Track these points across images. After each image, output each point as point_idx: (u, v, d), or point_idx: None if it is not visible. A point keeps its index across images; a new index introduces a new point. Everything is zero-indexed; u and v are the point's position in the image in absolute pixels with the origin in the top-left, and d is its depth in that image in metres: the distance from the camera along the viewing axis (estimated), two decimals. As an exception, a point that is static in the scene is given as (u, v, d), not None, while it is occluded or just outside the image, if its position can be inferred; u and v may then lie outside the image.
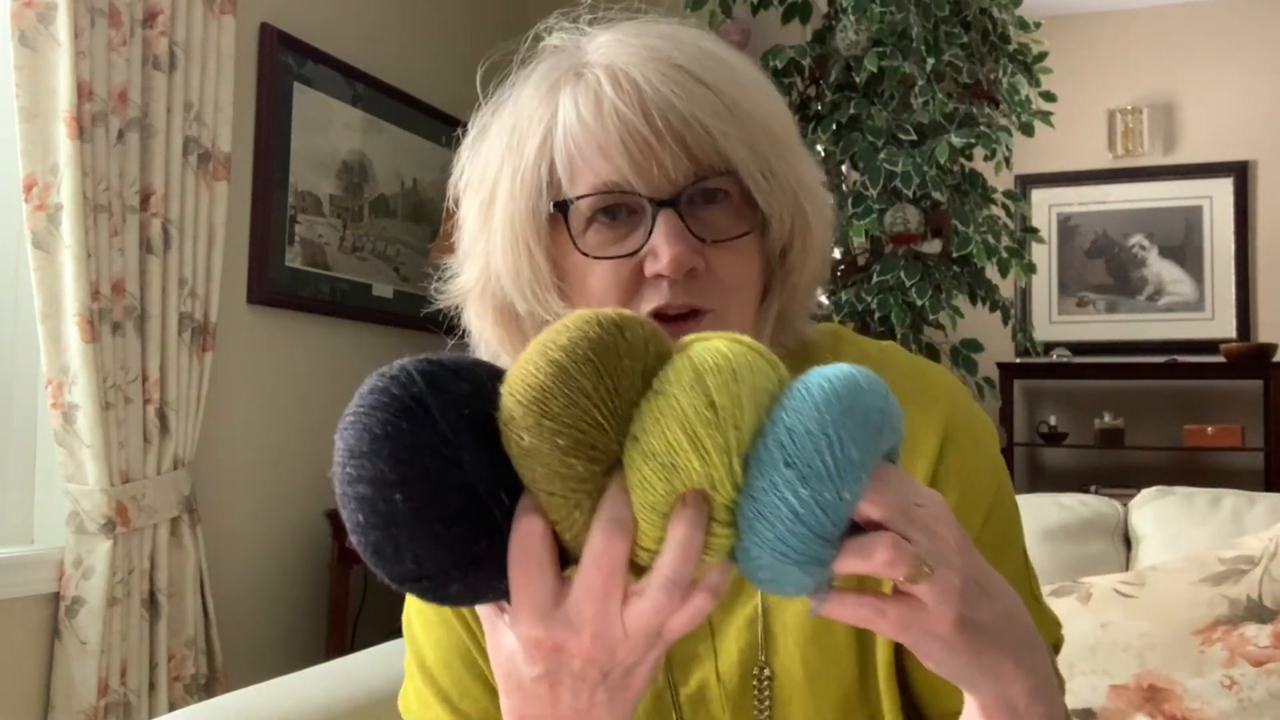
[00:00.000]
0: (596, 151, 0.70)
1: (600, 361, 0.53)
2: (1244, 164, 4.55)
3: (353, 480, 0.54)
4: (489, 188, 0.75)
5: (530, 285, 0.73)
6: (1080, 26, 4.71)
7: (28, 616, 1.95)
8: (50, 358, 1.89)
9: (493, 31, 3.42)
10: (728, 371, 0.53)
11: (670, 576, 0.52)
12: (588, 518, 0.53)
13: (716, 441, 0.52)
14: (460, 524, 0.53)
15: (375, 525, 0.53)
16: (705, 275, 0.70)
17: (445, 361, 0.56)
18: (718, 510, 0.53)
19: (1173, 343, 4.53)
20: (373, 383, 0.56)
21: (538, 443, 0.52)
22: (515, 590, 0.53)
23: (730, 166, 0.70)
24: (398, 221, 2.94)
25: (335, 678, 1.34)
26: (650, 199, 0.69)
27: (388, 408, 0.54)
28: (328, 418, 2.93)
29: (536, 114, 0.73)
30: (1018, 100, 2.77)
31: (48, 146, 1.88)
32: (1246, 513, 1.63)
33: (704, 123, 0.69)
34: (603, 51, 0.73)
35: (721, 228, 0.71)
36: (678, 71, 0.70)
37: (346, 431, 0.55)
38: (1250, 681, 1.34)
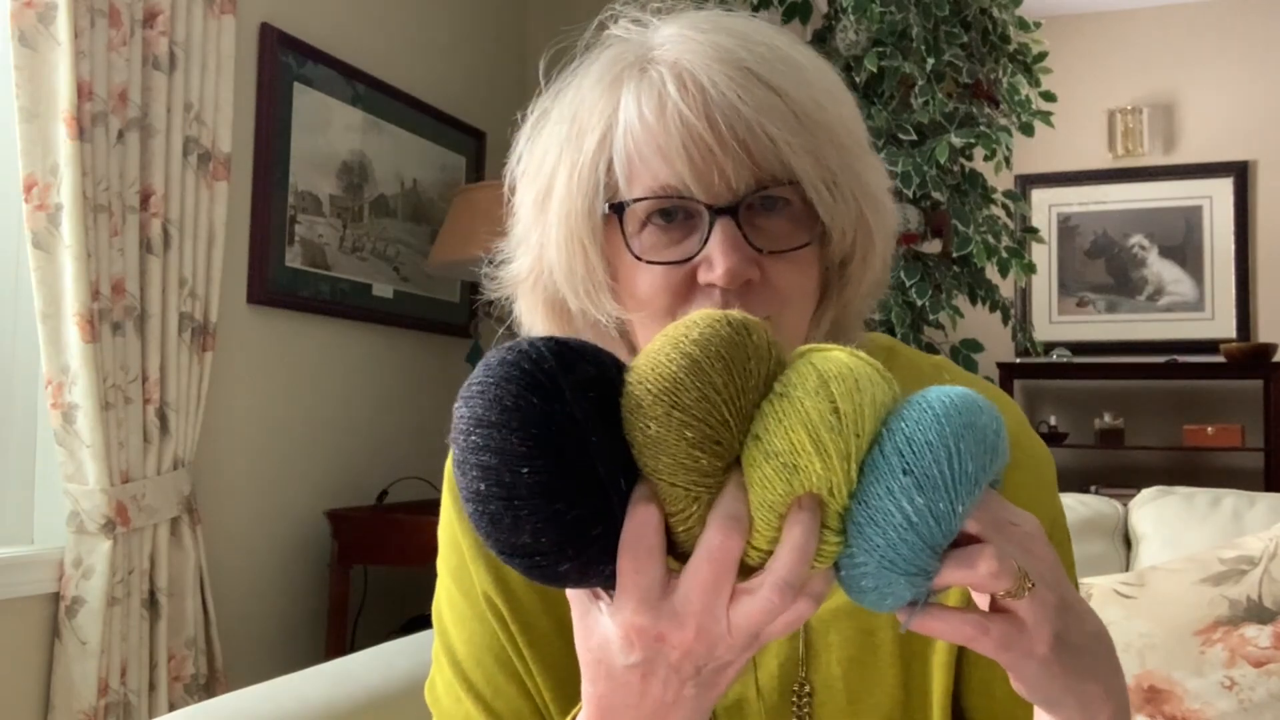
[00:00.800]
0: (656, 153, 0.68)
1: (731, 360, 0.54)
2: (1244, 164, 4.55)
3: (478, 449, 0.53)
4: (546, 179, 0.73)
5: (584, 284, 0.72)
6: (1080, 26, 4.71)
7: (28, 616, 1.95)
8: (50, 358, 1.89)
9: (493, 31, 3.42)
10: (851, 380, 0.54)
11: (785, 577, 0.52)
12: (704, 512, 0.53)
13: (839, 447, 0.52)
14: (582, 505, 0.53)
15: (498, 496, 0.53)
16: (760, 285, 0.69)
17: (572, 343, 0.56)
18: (830, 517, 0.53)
19: (1173, 343, 4.54)
20: (502, 355, 0.56)
21: (665, 433, 0.53)
22: (624, 576, 0.53)
23: (793, 177, 0.68)
24: (398, 221, 2.94)
25: (335, 678, 1.34)
26: (708, 206, 0.68)
27: (519, 380, 0.54)
28: (328, 418, 2.95)
29: (598, 108, 0.71)
30: (1018, 100, 2.77)
31: (48, 146, 1.88)
32: (1246, 513, 1.63)
33: (769, 131, 0.67)
34: (669, 47, 0.70)
35: (780, 238, 0.69)
36: (745, 75, 0.67)
37: (474, 401, 0.55)
38: (1250, 682, 1.34)
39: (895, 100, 2.65)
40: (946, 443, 0.53)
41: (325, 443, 2.68)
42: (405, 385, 2.98)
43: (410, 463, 2.92)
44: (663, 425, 0.53)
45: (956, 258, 2.65)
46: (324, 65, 2.64)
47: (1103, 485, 4.15)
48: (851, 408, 0.53)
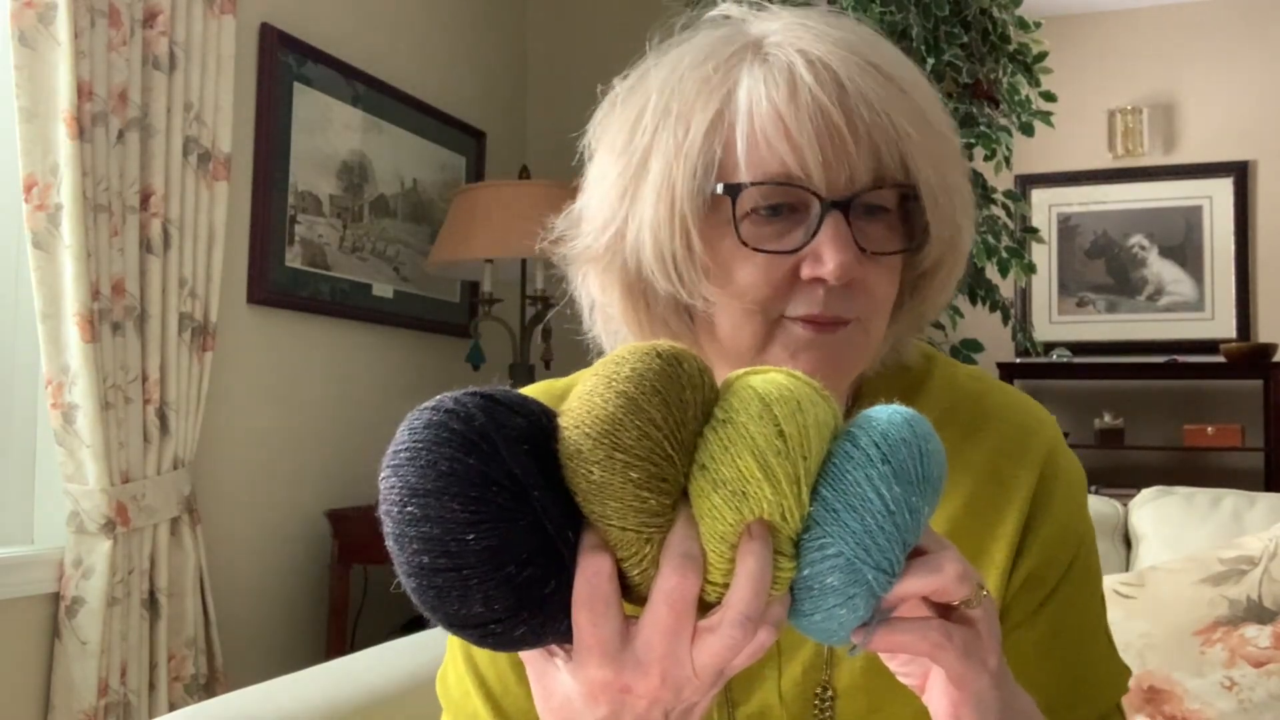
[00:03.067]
0: (783, 137, 0.65)
1: (667, 393, 0.52)
2: (1244, 164, 4.54)
3: (416, 520, 0.51)
4: (640, 153, 0.69)
5: (679, 264, 0.68)
6: (1080, 26, 4.71)
7: (28, 616, 1.94)
8: (50, 358, 1.89)
9: (493, 31, 3.42)
10: (793, 402, 0.53)
11: (744, 611, 0.50)
12: (657, 552, 0.52)
13: (787, 470, 0.51)
14: (533, 564, 0.51)
15: (445, 568, 0.51)
16: (858, 286, 0.68)
17: (498, 395, 0.54)
18: (782, 543, 0.52)
19: (1173, 343, 4.53)
20: (426, 417, 0.53)
21: (609, 476, 0.51)
22: (581, 631, 0.52)
23: (911, 178, 0.67)
24: (398, 221, 2.94)
25: (335, 678, 1.34)
26: (822, 199, 0.66)
27: (450, 443, 0.51)
28: (328, 418, 2.94)
29: (710, 85, 0.68)
30: (1018, 100, 2.77)
31: (48, 146, 1.88)
32: (1246, 513, 1.63)
33: (899, 126, 0.65)
34: (791, 34, 0.68)
35: (881, 241, 0.68)
36: (874, 70, 0.66)
37: (404, 468, 0.52)
38: (1250, 682, 1.34)
39: (895, 100, 2.65)
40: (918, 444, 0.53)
41: (325, 443, 2.68)
42: (405, 385, 2.98)
43: (410, 463, 2.91)
44: (606, 469, 0.51)
45: (956, 258, 2.65)
46: (324, 65, 2.64)
47: (1103, 485, 4.14)
48: (796, 430, 0.52)
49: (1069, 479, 0.77)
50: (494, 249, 2.62)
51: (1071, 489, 0.77)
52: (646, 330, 0.74)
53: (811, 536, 0.53)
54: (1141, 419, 4.54)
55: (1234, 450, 4.33)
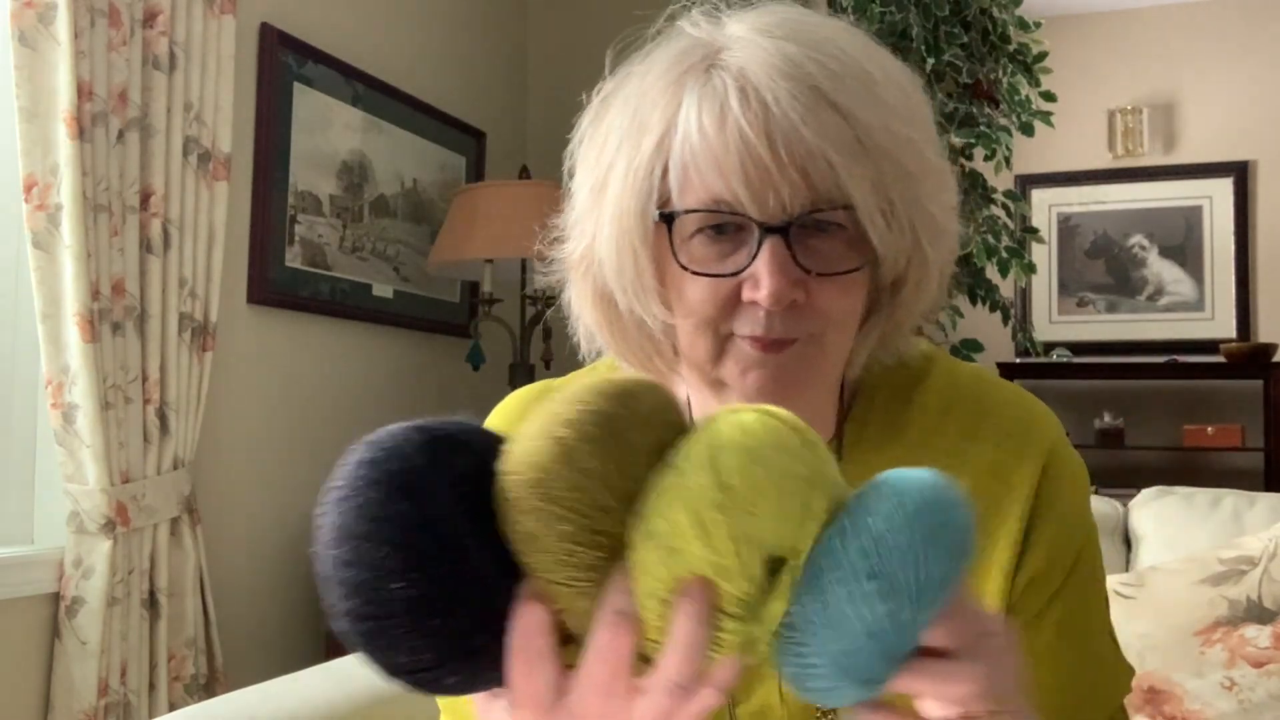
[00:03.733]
0: (712, 166, 0.66)
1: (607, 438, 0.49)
2: (1244, 164, 4.55)
3: (345, 564, 0.49)
4: (604, 171, 0.72)
5: (632, 286, 0.71)
6: (1080, 26, 4.71)
7: (28, 616, 1.94)
8: (50, 358, 1.89)
9: (493, 31, 3.42)
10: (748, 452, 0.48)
11: (673, 679, 0.49)
12: (593, 605, 0.50)
13: (724, 528, 0.47)
14: (462, 614, 0.49)
15: (370, 615, 0.49)
16: (805, 306, 0.68)
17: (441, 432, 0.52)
18: (727, 602, 0.48)
19: (1173, 343, 4.54)
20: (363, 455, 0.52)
21: (539, 527, 0.49)
22: (516, 683, 0.51)
23: (849, 203, 0.66)
24: (398, 221, 2.94)
25: (335, 678, 1.34)
26: (759, 224, 0.66)
27: (385, 485, 0.50)
28: (328, 418, 2.94)
29: (659, 106, 0.69)
30: (1018, 100, 2.77)
31: (48, 146, 1.88)
32: (1246, 513, 1.63)
33: (829, 157, 0.65)
34: (736, 52, 0.68)
35: (830, 260, 0.68)
36: (811, 93, 0.65)
37: (337, 508, 0.50)
38: (1250, 683, 1.34)
39: (895, 100, 2.65)
40: (917, 547, 0.48)
41: (325, 443, 2.68)
42: (405, 385, 2.98)
43: (410, 463, 2.91)
44: (537, 520, 0.48)
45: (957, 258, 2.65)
46: (324, 65, 2.64)
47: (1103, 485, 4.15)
48: (744, 483, 0.47)
49: (1072, 476, 0.77)
50: (494, 249, 2.62)
51: (1074, 486, 0.77)
52: (618, 338, 0.76)
53: (789, 638, 0.49)
54: (1141, 419, 4.54)
55: (1234, 450, 4.33)
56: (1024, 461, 0.75)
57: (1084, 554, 0.76)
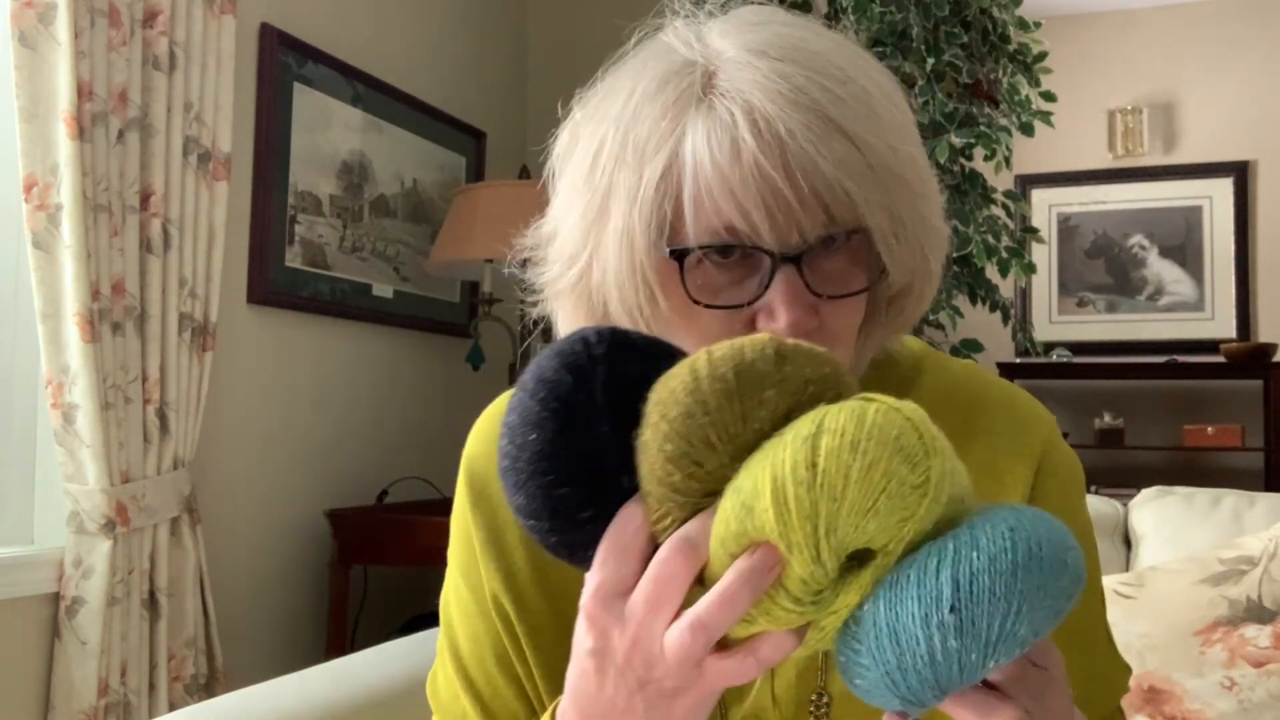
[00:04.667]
0: (728, 195, 0.64)
1: (737, 384, 0.51)
2: (1244, 164, 4.55)
3: (512, 409, 0.56)
4: (600, 196, 0.69)
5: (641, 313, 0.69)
6: (1080, 26, 4.71)
7: (28, 616, 1.95)
8: (50, 358, 1.89)
9: (493, 31, 3.42)
10: (851, 439, 0.48)
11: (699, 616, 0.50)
12: (673, 530, 0.52)
13: (802, 505, 0.47)
14: (574, 484, 0.54)
15: (508, 454, 0.55)
16: (817, 331, 0.67)
17: (635, 339, 0.57)
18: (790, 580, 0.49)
19: (1173, 343, 4.54)
20: (574, 335, 0.57)
21: (649, 440, 0.52)
22: (596, 563, 0.54)
23: (864, 226, 0.66)
24: (398, 221, 2.94)
25: (335, 678, 1.34)
26: (773, 255, 0.65)
27: (564, 356, 0.56)
28: (328, 418, 2.93)
29: (659, 131, 0.67)
30: (1018, 100, 2.77)
31: (48, 146, 1.88)
32: (1246, 513, 1.63)
33: (847, 187, 0.64)
34: (732, 75, 0.66)
35: (840, 281, 0.67)
36: (823, 123, 0.64)
37: (528, 371, 0.57)
38: (1250, 682, 1.34)
39: (895, 100, 2.65)
40: (1012, 599, 0.45)
41: (325, 443, 2.68)
42: (405, 385, 2.98)
43: (410, 463, 2.92)
44: (651, 432, 0.52)
45: (956, 258, 2.65)
46: (324, 65, 2.64)
47: (1103, 485, 4.15)
48: (836, 467, 0.47)
49: (1066, 474, 0.77)
50: (494, 249, 2.62)
51: (1068, 484, 0.77)
52: None
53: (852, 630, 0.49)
54: (1141, 419, 4.54)
55: (1234, 450, 4.33)
56: (1018, 459, 0.75)
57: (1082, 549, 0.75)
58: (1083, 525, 0.77)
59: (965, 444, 0.74)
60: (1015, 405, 0.78)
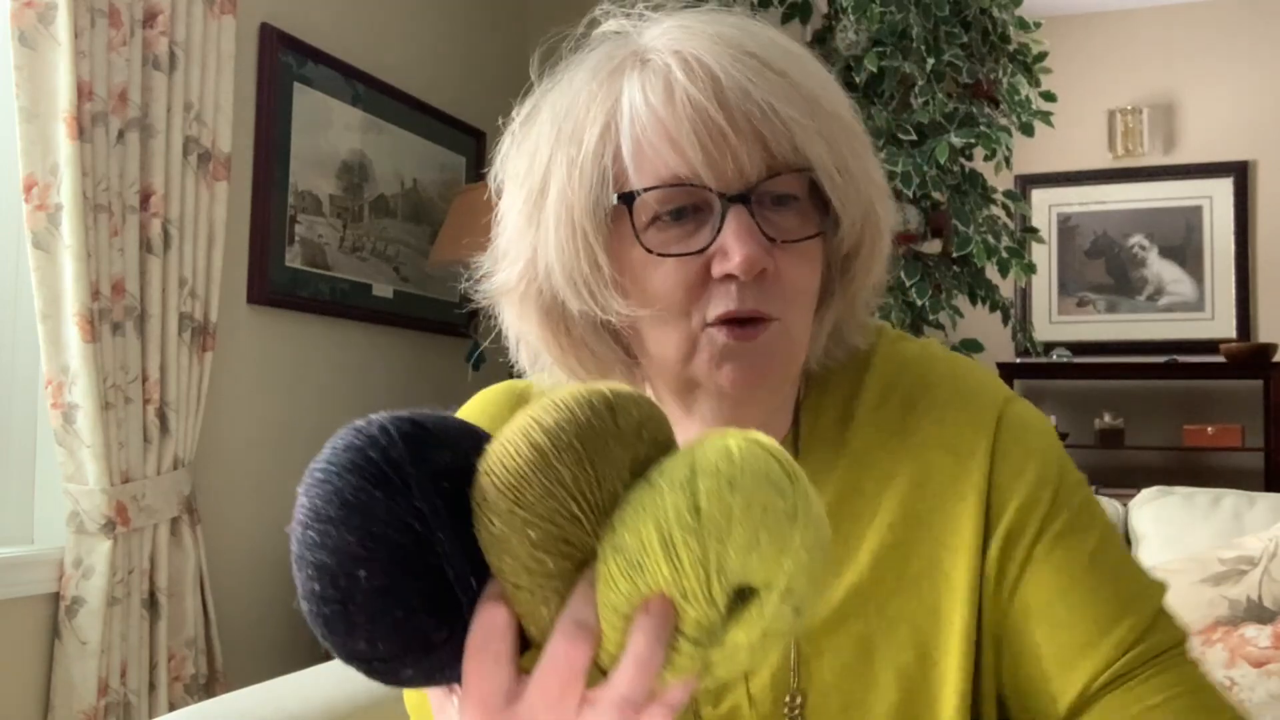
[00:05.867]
0: (666, 141, 0.65)
1: (585, 449, 0.49)
2: (1244, 164, 4.54)
3: (314, 546, 0.49)
4: (539, 179, 0.70)
5: (587, 283, 0.68)
6: (1080, 26, 4.71)
7: (28, 616, 1.94)
8: (50, 358, 1.89)
9: (493, 31, 3.42)
10: (726, 478, 0.48)
11: (625, 694, 0.48)
12: (555, 614, 0.49)
13: (692, 551, 0.47)
14: (425, 610, 0.49)
15: (332, 599, 0.49)
16: (773, 278, 0.67)
17: (428, 423, 0.51)
18: (687, 624, 0.48)
19: (1173, 343, 4.53)
20: (348, 438, 0.51)
21: (508, 532, 0.48)
22: (468, 680, 0.50)
23: (806, 163, 0.66)
24: (398, 221, 2.94)
25: (335, 678, 1.34)
26: (721, 194, 0.65)
27: (363, 471, 0.49)
28: (328, 418, 2.94)
29: (596, 100, 0.68)
30: (1018, 100, 2.77)
31: (48, 146, 1.88)
32: (1246, 513, 1.63)
33: (782, 114, 0.65)
34: (669, 38, 0.68)
35: (791, 229, 0.68)
36: (752, 60, 0.66)
37: (314, 490, 0.50)
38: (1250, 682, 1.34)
39: (895, 100, 2.65)
40: None
41: (325, 443, 2.68)
42: (405, 385, 2.98)
43: (410, 463, 2.91)
44: (506, 523, 0.48)
45: (956, 258, 2.65)
46: (324, 65, 2.64)
47: (1103, 485, 4.15)
48: (718, 508, 0.47)
49: (1026, 428, 0.75)
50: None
51: (1030, 436, 0.74)
52: (569, 355, 0.74)
53: None
54: (1141, 419, 4.54)
55: (1234, 450, 4.33)
56: (975, 431, 0.73)
57: (1061, 496, 0.72)
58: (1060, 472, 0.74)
59: (915, 422, 0.74)
60: (965, 379, 0.76)
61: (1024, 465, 0.72)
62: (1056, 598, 0.70)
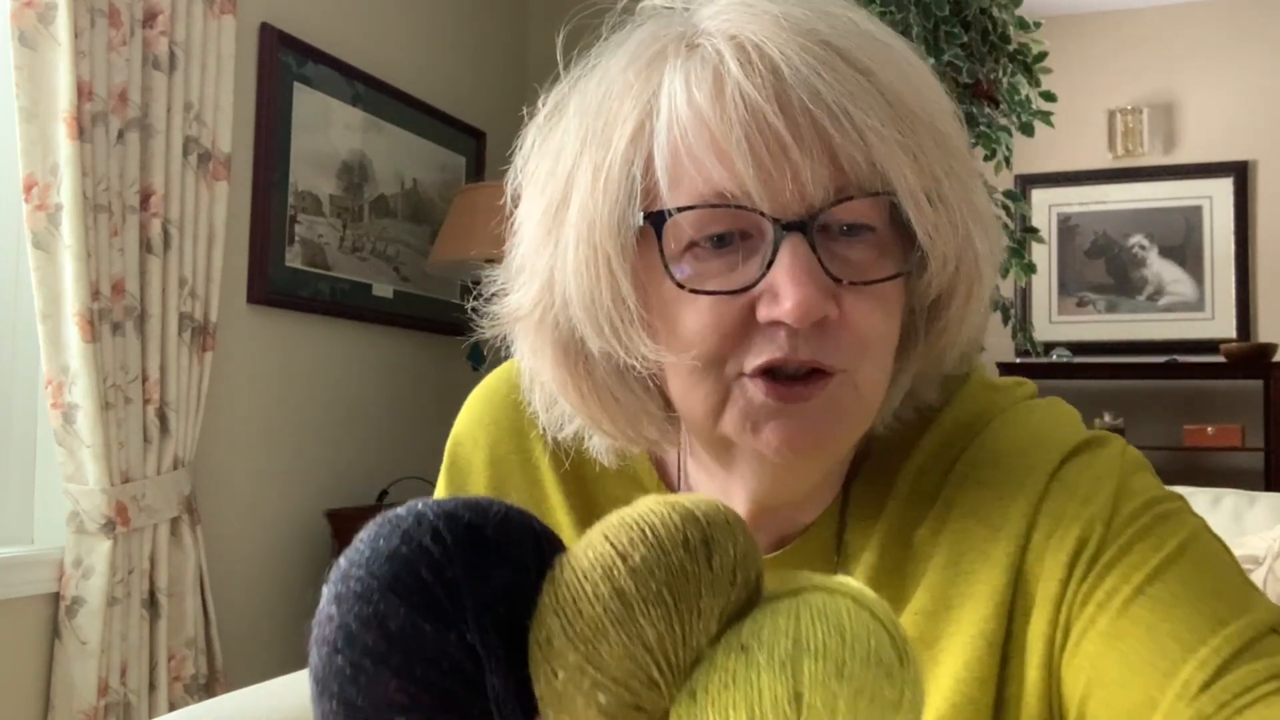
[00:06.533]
0: (710, 150, 0.52)
1: (675, 600, 0.41)
2: (1244, 164, 4.54)
3: (344, 679, 0.41)
4: (562, 184, 0.57)
5: (609, 317, 0.55)
6: (1080, 26, 4.71)
7: (28, 616, 1.94)
8: (50, 358, 1.89)
9: (494, 31, 3.42)
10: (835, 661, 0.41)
11: None
12: None
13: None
14: None
15: None
16: (836, 325, 0.53)
17: (488, 528, 0.43)
18: None
19: (1173, 343, 4.53)
20: (393, 542, 0.42)
21: (573, 690, 0.41)
22: None
23: (887, 185, 0.52)
24: (398, 221, 2.94)
25: (336, 678, 1.34)
26: (775, 220, 0.52)
27: (411, 595, 0.41)
28: (328, 418, 2.93)
29: (631, 93, 0.55)
30: (1018, 100, 2.77)
31: (48, 146, 1.88)
32: (1246, 513, 1.63)
33: (857, 120, 0.51)
34: (725, 17, 0.54)
35: (864, 267, 0.54)
36: (828, 50, 0.52)
37: (348, 604, 0.41)
38: (1251, 682, 1.34)
39: (895, 100, 2.65)
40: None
41: (325, 443, 2.68)
42: (405, 385, 2.98)
43: (410, 463, 2.91)
44: (572, 679, 0.41)
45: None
46: (324, 65, 2.64)
47: (1103, 485, 4.14)
48: (823, 700, 0.40)
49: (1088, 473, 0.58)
50: (494, 249, 2.61)
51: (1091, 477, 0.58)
52: (590, 402, 0.60)
53: None
54: (1141, 419, 4.54)
55: (1234, 450, 4.33)
56: (1015, 494, 0.58)
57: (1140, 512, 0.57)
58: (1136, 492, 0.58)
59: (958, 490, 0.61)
60: (1025, 426, 0.61)
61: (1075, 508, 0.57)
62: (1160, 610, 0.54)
